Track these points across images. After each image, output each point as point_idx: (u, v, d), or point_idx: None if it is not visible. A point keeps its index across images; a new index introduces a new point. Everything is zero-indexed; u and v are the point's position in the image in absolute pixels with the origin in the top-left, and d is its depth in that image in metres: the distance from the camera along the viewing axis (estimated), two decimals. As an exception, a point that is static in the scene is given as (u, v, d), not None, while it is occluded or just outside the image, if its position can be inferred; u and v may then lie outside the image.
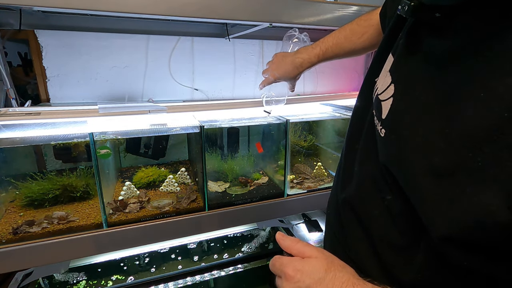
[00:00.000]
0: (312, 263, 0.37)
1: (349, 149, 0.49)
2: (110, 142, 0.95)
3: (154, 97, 1.26)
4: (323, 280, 0.34)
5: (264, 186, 1.07)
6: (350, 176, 0.45)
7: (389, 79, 0.35)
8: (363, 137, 0.43)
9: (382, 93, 0.36)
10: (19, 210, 0.87)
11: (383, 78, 0.38)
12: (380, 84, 0.38)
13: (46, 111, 0.90)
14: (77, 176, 0.96)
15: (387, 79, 0.36)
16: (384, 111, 0.34)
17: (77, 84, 1.14)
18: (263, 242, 1.28)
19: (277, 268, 0.40)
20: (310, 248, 0.39)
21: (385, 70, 0.39)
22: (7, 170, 0.92)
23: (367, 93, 0.45)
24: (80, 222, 0.83)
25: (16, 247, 0.75)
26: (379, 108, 0.36)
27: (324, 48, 0.74)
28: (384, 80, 0.37)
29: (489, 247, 0.25)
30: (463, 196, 0.25)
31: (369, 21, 0.67)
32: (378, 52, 0.47)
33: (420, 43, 0.31)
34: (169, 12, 0.78)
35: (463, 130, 0.25)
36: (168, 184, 1.03)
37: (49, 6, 0.70)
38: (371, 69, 0.47)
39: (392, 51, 0.39)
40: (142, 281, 1.07)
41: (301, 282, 0.35)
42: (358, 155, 0.44)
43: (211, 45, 1.28)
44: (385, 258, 0.38)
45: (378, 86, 0.39)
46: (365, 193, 0.41)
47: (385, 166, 0.35)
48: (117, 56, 1.16)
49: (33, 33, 1.05)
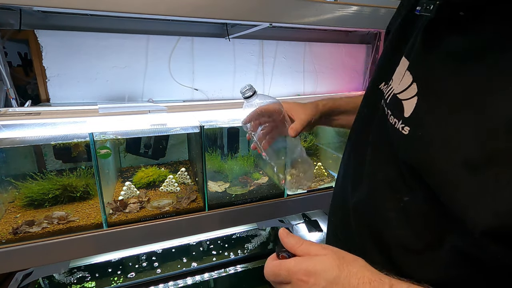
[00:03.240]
0: (323, 262, 0.34)
1: (355, 154, 0.48)
2: (110, 142, 0.95)
3: (154, 97, 1.26)
4: (339, 279, 0.32)
5: (264, 186, 1.07)
6: (359, 180, 0.44)
7: (410, 78, 0.35)
8: (373, 140, 0.42)
9: (401, 92, 0.35)
10: (18, 210, 0.87)
11: (398, 78, 0.37)
12: (396, 84, 0.37)
13: (46, 111, 0.90)
14: (77, 176, 0.96)
15: (406, 78, 0.35)
16: (407, 110, 0.34)
17: (77, 84, 1.14)
18: (263, 242, 1.28)
19: (284, 276, 0.36)
20: (316, 246, 0.37)
21: (399, 72, 0.38)
22: (7, 170, 0.92)
23: (372, 99, 0.45)
24: (80, 222, 0.83)
25: (16, 247, 0.75)
26: (398, 107, 0.35)
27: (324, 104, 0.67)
28: (401, 80, 0.36)
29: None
30: (502, 188, 0.25)
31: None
32: (384, 57, 0.46)
33: (440, 41, 0.31)
34: (169, 12, 0.78)
35: (495, 122, 0.26)
36: (168, 184, 1.03)
37: (49, 6, 0.70)
38: (377, 74, 0.46)
39: (406, 54, 0.38)
40: (142, 281, 1.07)
41: (316, 285, 0.33)
42: (368, 158, 0.43)
43: (211, 45, 1.28)
44: (399, 261, 0.37)
45: (393, 87, 0.38)
46: (380, 195, 0.39)
47: (407, 165, 0.34)
48: (117, 56, 1.16)
49: (33, 33, 1.05)
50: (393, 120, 0.36)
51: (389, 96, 0.39)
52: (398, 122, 0.35)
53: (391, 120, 0.36)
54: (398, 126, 0.35)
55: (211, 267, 1.17)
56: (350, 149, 0.51)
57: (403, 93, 0.35)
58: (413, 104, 0.33)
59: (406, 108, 0.34)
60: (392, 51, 0.45)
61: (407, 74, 0.35)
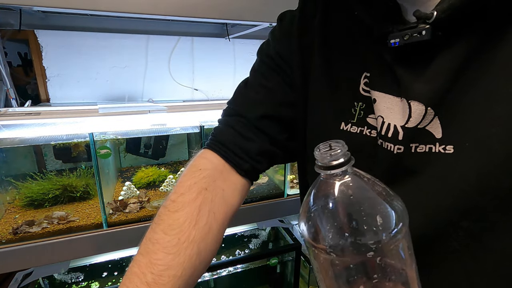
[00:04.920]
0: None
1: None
2: (110, 142, 0.95)
3: (154, 97, 1.26)
4: None
5: (264, 186, 1.07)
6: None
7: (421, 106, 0.33)
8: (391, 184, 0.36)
9: (420, 122, 0.33)
10: (19, 210, 0.87)
11: (394, 112, 0.35)
12: (399, 119, 0.35)
13: (46, 111, 0.90)
14: (77, 176, 0.96)
15: (415, 109, 0.33)
16: (436, 132, 0.33)
17: (77, 84, 1.14)
18: (263, 242, 1.28)
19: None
20: None
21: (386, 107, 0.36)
22: (7, 170, 0.92)
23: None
24: (80, 222, 0.83)
25: (16, 247, 0.75)
26: (424, 135, 0.34)
27: None
28: (406, 113, 0.34)
29: None
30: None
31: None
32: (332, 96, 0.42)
33: (430, 61, 0.32)
34: (169, 12, 0.78)
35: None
36: (168, 184, 1.02)
37: (49, 6, 0.70)
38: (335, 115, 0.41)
39: (374, 87, 0.37)
40: (142, 281, 1.06)
41: None
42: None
43: (211, 45, 1.28)
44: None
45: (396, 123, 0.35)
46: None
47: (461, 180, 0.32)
48: (117, 56, 1.16)
49: (33, 33, 1.05)
50: (426, 148, 0.34)
51: (397, 132, 0.35)
52: (434, 146, 0.33)
53: (420, 150, 0.34)
54: (437, 149, 0.33)
55: (211, 267, 1.16)
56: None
57: (422, 122, 0.33)
58: (438, 125, 0.33)
59: (434, 132, 0.33)
60: (326, 97, 0.42)
61: (414, 104, 0.33)
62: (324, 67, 0.42)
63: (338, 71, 0.41)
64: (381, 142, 0.37)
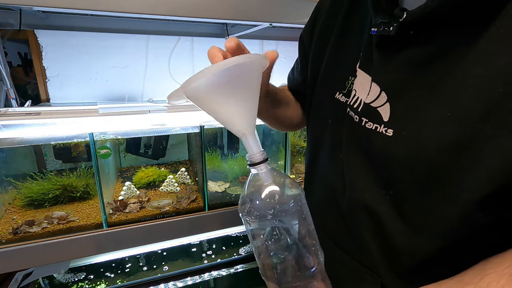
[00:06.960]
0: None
1: (332, 158, 0.49)
2: (110, 142, 0.95)
3: (154, 97, 1.26)
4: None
5: (264, 186, 1.07)
6: (343, 183, 0.46)
7: (377, 88, 0.39)
8: (347, 144, 0.45)
9: (373, 101, 0.40)
10: (19, 210, 0.87)
11: (364, 89, 0.42)
12: (364, 95, 0.42)
13: (46, 111, 0.90)
14: (77, 176, 0.96)
15: (374, 89, 0.40)
16: (384, 115, 0.39)
17: (77, 84, 1.14)
18: (263, 242, 1.28)
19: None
20: None
21: (362, 84, 0.42)
22: (7, 170, 0.92)
23: (331, 108, 0.49)
24: (80, 222, 0.83)
25: (16, 247, 0.75)
26: (375, 114, 0.40)
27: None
28: (369, 91, 0.41)
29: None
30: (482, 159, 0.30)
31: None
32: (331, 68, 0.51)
33: (397, 53, 0.37)
34: (169, 12, 0.78)
35: (465, 110, 0.31)
36: (168, 184, 1.03)
37: (49, 6, 0.70)
38: (331, 85, 0.50)
39: (362, 67, 0.43)
40: (142, 281, 1.07)
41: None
42: (346, 160, 0.45)
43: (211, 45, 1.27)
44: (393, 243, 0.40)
45: (360, 97, 0.42)
46: (369, 193, 0.42)
47: (394, 160, 0.38)
48: (117, 56, 1.16)
49: (33, 33, 1.05)
50: (373, 126, 0.40)
51: (359, 105, 0.42)
52: (379, 126, 0.39)
53: (368, 126, 0.40)
54: (380, 130, 0.39)
55: (211, 267, 1.17)
56: (326, 154, 0.52)
57: (375, 102, 0.39)
58: (387, 110, 0.38)
59: (383, 113, 0.39)
60: (337, 63, 0.50)
61: (374, 85, 0.40)
62: (343, 33, 0.50)
63: (349, 42, 0.48)
64: (348, 110, 0.45)
